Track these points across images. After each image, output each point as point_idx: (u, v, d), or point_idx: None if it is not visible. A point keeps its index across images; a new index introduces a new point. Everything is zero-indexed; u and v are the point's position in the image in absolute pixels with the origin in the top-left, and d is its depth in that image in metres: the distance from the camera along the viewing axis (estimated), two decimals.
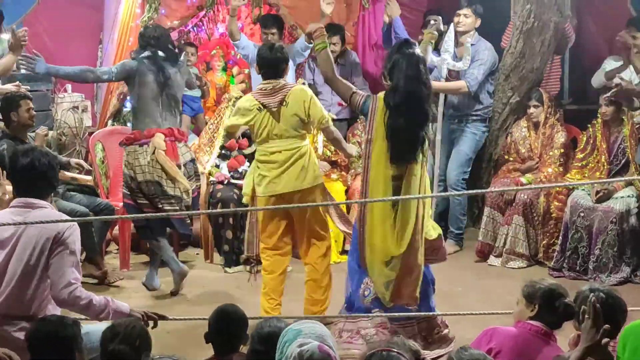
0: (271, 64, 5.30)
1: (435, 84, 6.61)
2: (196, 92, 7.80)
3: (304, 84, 7.21)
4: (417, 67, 4.64)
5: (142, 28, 6.48)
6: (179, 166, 6.06)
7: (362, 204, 4.79)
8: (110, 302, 3.76)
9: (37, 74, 6.21)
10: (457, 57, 7.16)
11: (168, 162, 5.97)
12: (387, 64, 4.73)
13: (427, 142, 4.69)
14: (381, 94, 4.75)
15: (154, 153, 5.95)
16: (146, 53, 6.13)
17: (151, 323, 3.79)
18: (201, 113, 7.92)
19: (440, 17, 5.91)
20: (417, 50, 4.74)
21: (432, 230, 4.90)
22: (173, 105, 6.15)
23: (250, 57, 7.45)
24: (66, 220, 3.79)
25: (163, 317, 3.84)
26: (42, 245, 3.69)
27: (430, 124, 4.71)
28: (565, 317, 3.50)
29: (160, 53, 6.12)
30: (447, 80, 7.10)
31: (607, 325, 3.01)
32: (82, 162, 6.53)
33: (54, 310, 3.79)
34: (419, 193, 4.71)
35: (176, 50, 6.31)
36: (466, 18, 7.15)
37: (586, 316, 3.01)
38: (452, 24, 7.06)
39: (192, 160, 6.27)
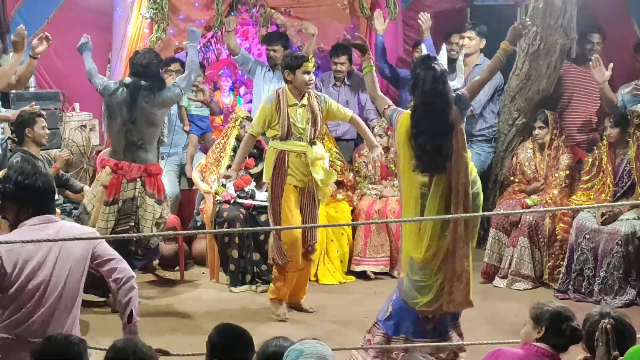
0: None
1: None
2: (204, 111, 7.84)
3: None
4: (436, 83, 4.72)
5: (132, 53, 6.38)
6: (115, 201, 6.00)
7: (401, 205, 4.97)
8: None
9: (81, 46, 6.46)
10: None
11: (97, 198, 6.03)
12: (409, 81, 4.87)
13: (455, 152, 4.74)
14: (406, 112, 4.85)
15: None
16: (127, 80, 6.13)
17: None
18: (209, 132, 7.95)
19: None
20: (439, 64, 4.82)
21: None
22: (140, 143, 6.02)
23: (250, 71, 7.55)
24: (87, 239, 3.83)
25: (166, 353, 3.85)
26: (83, 250, 3.79)
27: (454, 134, 4.76)
28: (571, 340, 3.49)
29: (144, 82, 6.03)
30: None
31: (616, 353, 3.02)
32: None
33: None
34: (457, 203, 4.73)
35: (163, 77, 6.29)
36: (470, 40, 7.27)
37: (600, 343, 3.01)
38: (444, 46, 7.09)
39: (133, 199, 6.06)
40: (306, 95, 5.94)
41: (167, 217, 6.32)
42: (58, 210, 6.12)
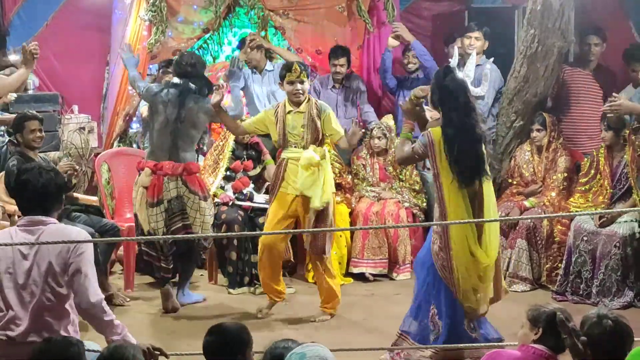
0: None
1: None
2: None
3: None
4: (466, 94, 4.80)
5: (177, 56, 6.39)
6: (160, 201, 6.04)
7: (445, 236, 4.83)
8: (125, 329, 3.82)
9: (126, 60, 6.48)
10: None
11: (139, 201, 6.08)
12: (435, 94, 4.86)
13: (488, 158, 4.87)
14: (435, 129, 4.85)
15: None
16: (175, 80, 6.15)
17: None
18: (206, 134, 7.95)
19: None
20: (460, 74, 4.89)
21: None
22: (180, 143, 6.08)
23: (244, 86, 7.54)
24: (73, 242, 3.79)
25: (163, 353, 3.82)
26: (62, 258, 3.70)
27: (485, 143, 4.90)
28: None
29: (191, 85, 6.09)
30: None
31: (584, 338, 3.10)
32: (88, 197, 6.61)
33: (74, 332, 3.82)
34: (491, 208, 4.90)
35: (209, 83, 6.26)
36: (477, 41, 7.27)
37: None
38: (475, 50, 7.10)
39: (179, 197, 6.11)
40: (304, 103, 5.95)
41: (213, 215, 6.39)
42: None
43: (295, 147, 5.95)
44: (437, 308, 4.90)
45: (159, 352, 3.71)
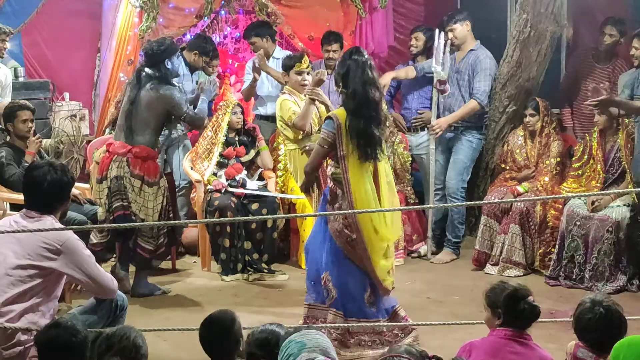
0: None
1: (451, 116, 7.13)
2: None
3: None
4: (370, 72, 4.89)
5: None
6: (104, 178, 6.16)
7: (349, 213, 4.87)
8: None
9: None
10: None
11: (92, 176, 6.35)
12: (340, 71, 4.96)
13: (383, 142, 4.95)
14: (338, 110, 4.95)
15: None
16: (137, 66, 6.38)
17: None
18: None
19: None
20: (367, 56, 4.97)
21: None
22: (134, 125, 6.11)
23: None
24: (63, 229, 3.83)
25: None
26: (31, 246, 3.91)
27: (384, 126, 5.01)
28: (532, 317, 3.47)
29: (147, 69, 6.11)
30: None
31: None
32: (78, 194, 6.49)
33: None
34: (390, 187, 5.06)
35: (168, 71, 6.15)
36: (453, 31, 7.18)
37: None
38: (442, 34, 7.06)
39: (118, 177, 6.11)
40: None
41: (163, 204, 6.24)
42: None
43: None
44: (330, 275, 4.94)
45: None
